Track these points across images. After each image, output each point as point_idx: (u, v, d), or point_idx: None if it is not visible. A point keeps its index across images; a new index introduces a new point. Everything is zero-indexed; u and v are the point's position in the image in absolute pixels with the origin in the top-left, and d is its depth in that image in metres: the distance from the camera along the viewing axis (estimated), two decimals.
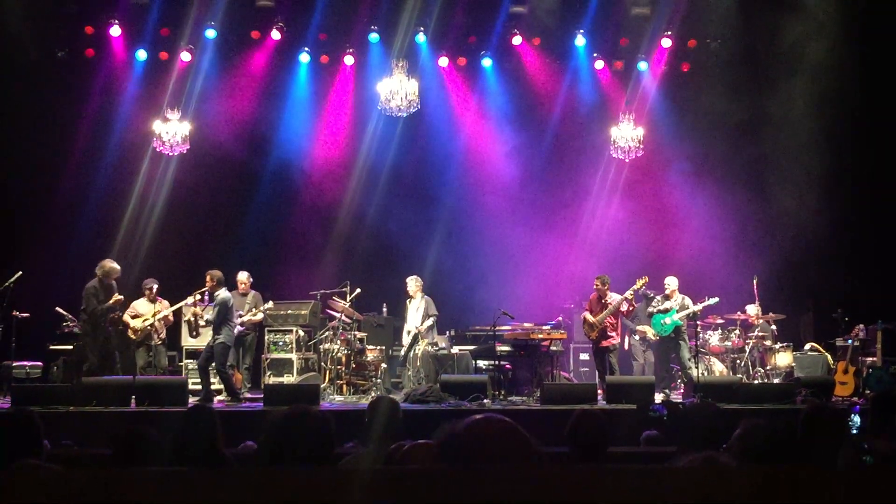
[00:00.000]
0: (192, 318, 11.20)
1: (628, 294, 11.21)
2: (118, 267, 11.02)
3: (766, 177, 13.73)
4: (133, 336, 11.28)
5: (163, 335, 11.54)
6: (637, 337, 12.41)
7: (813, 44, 12.72)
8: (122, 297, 10.93)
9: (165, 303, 11.54)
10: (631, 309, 11.54)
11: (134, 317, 11.33)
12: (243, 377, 11.38)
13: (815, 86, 12.79)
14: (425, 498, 1.76)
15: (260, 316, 11.61)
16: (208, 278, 10.54)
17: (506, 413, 3.74)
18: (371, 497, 1.75)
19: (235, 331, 10.82)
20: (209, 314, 10.55)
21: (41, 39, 12.99)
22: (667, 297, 11.60)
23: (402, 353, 12.06)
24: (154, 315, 11.22)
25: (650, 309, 11.77)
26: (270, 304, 11.71)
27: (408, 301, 12.17)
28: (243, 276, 11.70)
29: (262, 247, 13.90)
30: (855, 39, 12.52)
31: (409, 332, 11.98)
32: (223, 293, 10.48)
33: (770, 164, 13.72)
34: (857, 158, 13.09)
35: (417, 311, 11.97)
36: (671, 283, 11.66)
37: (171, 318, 11.61)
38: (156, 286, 11.44)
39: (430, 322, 11.88)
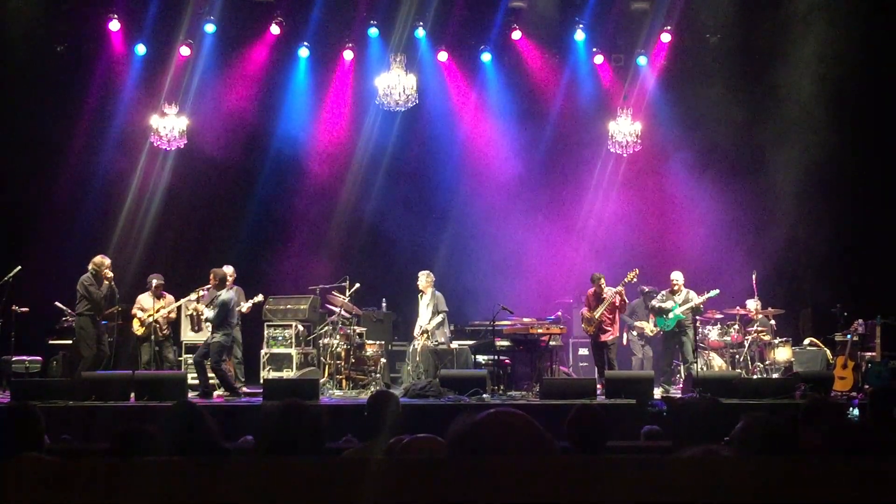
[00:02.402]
0: (194, 314, 11.19)
1: (620, 287, 11.20)
2: (109, 261, 10.94)
3: (766, 172, 13.71)
4: (137, 332, 11.29)
5: (166, 331, 11.47)
6: (635, 333, 12.39)
7: (813, 36, 12.69)
8: (112, 274, 10.81)
9: (170, 298, 11.51)
10: (624, 302, 11.49)
11: (140, 309, 11.33)
12: (236, 370, 11.38)
13: (815, 80, 12.77)
14: (435, 489, 1.75)
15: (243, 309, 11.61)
16: (211, 276, 10.55)
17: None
18: (380, 488, 1.75)
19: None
20: (210, 312, 10.51)
21: (40, 34, 12.96)
22: (672, 293, 11.55)
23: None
24: (157, 311, 11.22)
25: (653, 303, 11.73)
26: (260, 297, 11.71)
27: (419, 296, 12.08)
28: (229, 270, 11.51)
29: (260, 241, 13.91)
30: (856, 26, 12.47)
31: (420, 326, 11.85)
32: (225, 293, 10.47)
33: (769, 158, 13.70)
34: (859, 151, 13.07)
35: (428, 308, 11.82)
36: (677, 278, 11.59)
37: (174, 314, 11.58)
38: (156, 281, 11.37)
39: (438, 319, 11.73)
